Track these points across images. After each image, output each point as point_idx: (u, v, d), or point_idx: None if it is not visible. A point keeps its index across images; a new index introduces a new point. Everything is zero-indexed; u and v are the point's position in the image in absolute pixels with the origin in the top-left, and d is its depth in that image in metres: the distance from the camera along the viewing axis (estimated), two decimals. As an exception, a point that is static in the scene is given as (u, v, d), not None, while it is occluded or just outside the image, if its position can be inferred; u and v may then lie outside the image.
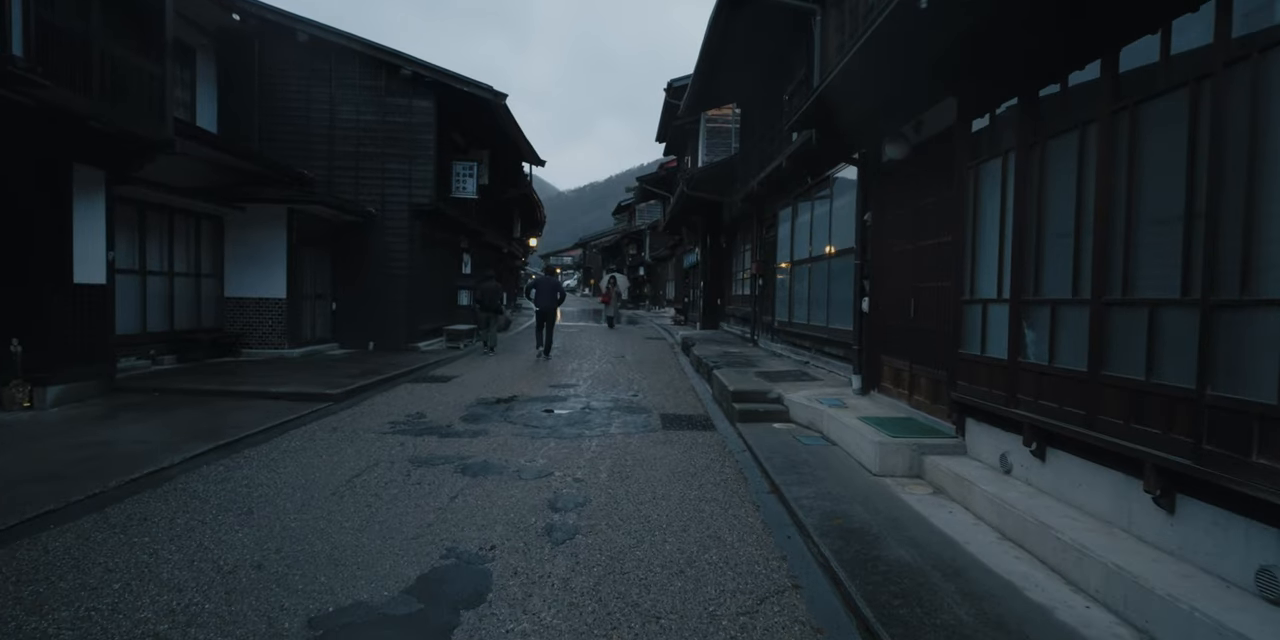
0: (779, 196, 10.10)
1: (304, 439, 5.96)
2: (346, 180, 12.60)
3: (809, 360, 8.73)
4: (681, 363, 12.04)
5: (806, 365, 8.65)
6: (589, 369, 11.14)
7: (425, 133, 12.72)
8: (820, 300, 8.19)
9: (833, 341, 7.72)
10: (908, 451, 4.59)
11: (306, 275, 11.68)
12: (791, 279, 9.47)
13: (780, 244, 10.28)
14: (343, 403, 7.65)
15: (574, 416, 7.15)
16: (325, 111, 12.53)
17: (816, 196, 8.47)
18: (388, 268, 12.73)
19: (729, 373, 8.17)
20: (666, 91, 16.85)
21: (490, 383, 9.48)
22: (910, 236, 5.69)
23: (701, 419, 7.07)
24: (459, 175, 14.06)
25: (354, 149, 12.60)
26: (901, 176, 5.92)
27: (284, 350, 10.90)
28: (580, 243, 67.38)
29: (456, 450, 5.64)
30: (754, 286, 12.37)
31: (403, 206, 12.72)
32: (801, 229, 9.10)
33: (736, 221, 14.57)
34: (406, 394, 8.44)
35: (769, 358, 10.07)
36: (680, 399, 8.29)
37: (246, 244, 10.90)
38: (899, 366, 5.88)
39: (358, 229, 12.52)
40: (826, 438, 5.73)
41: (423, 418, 7.00)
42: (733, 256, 15.76)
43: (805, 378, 7.65)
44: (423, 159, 12.73)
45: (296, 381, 8.38)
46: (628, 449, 5.76)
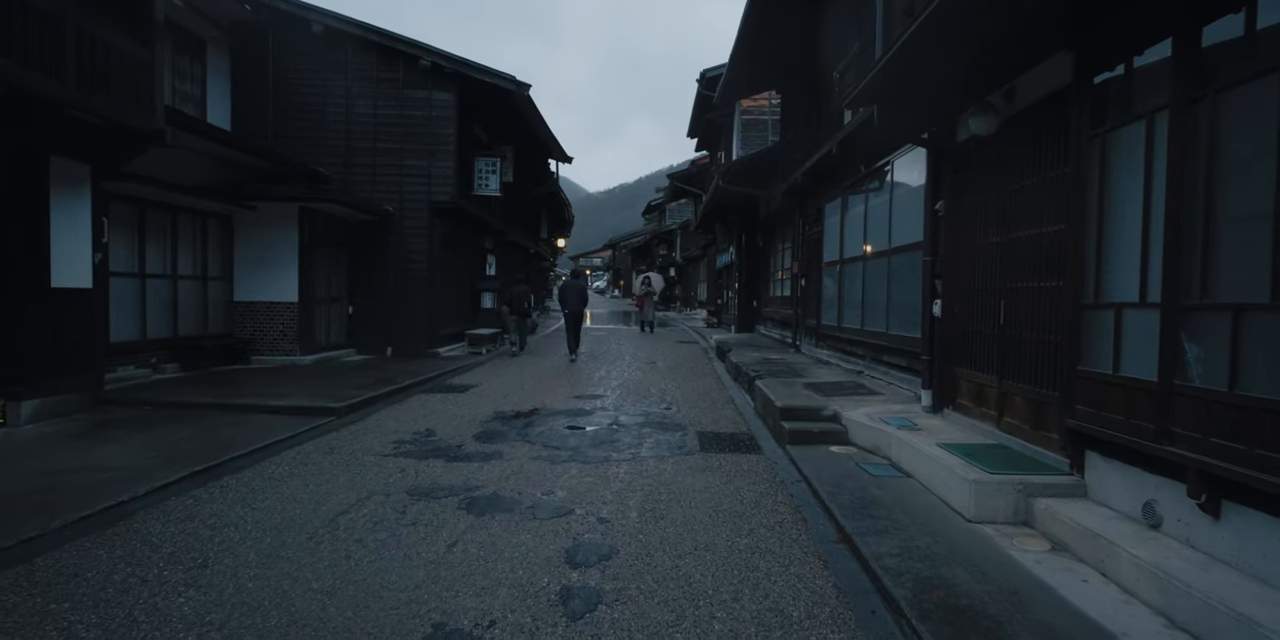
0: (825, 189, 9.18)
1: (294, 463, 5.26)
2: (363, 178, 12.01)
3: (862, 370, 7.81)
4: (717, 370, 11.17)
5: (860, 376, 7.73)
6: (617, 376, 10.35)
7: (445, 127, 12.07)
8: (877, 303, 7.27)
9: (893, 350, 6.80)
10: (1011, 492, 3.68)
11: (320, 278, 11.11)
12: (841, 279, 8.56)
13: (827, 241, 9.36)
14: (347, 417, 6.97)
15: (600, 435, 6.35)
16: (341, 106, 11.96)
17: (871, 187, 7.56)
18: (406, 269, 12.11)
19: (773, 384, 7.30)
20: (699, 82, 16.00)
21: (511, 393, 8.75)
22: (997, 227, 4.78)
23: (744, 439, 6.22)
24: (481, 172, 13.40)
25: (371, 145, 12.01)
26: (984, 157, 5.00)
27: (295, 357, 10.31)
28: (610, 244, 66.80)
29: (464, 478, 4.88)
30: (795, 287, 11.45)
31: (422, 205, 12.08)
32: (853, 223, 8.18)
33: (774, 218, 13.66)
34: (419, 407, 7.73)
35: (815, 366, 9.15)
36: (718, 413, 7.44)
37: (257, 245, 10.34)
38: (982, 382, 4.96)
39: (375, 229, 11.92)
40: (897, 467, 4.84)
41: (431, 436, 6.27)
42: (770, 256, 14.84)
43: (862, 391, 6.74)
44: (443, 155, 12.08)
45: (301, 393, 7.73)
46: (661, 477, 4.94)
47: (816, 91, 9.76)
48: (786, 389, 6.98)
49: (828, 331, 9.26)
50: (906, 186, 6.55)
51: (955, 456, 4.20)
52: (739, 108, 15.92)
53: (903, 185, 6.62)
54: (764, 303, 15.34)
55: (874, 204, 7.43)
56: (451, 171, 12.11)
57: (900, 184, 6.68)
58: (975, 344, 5.10)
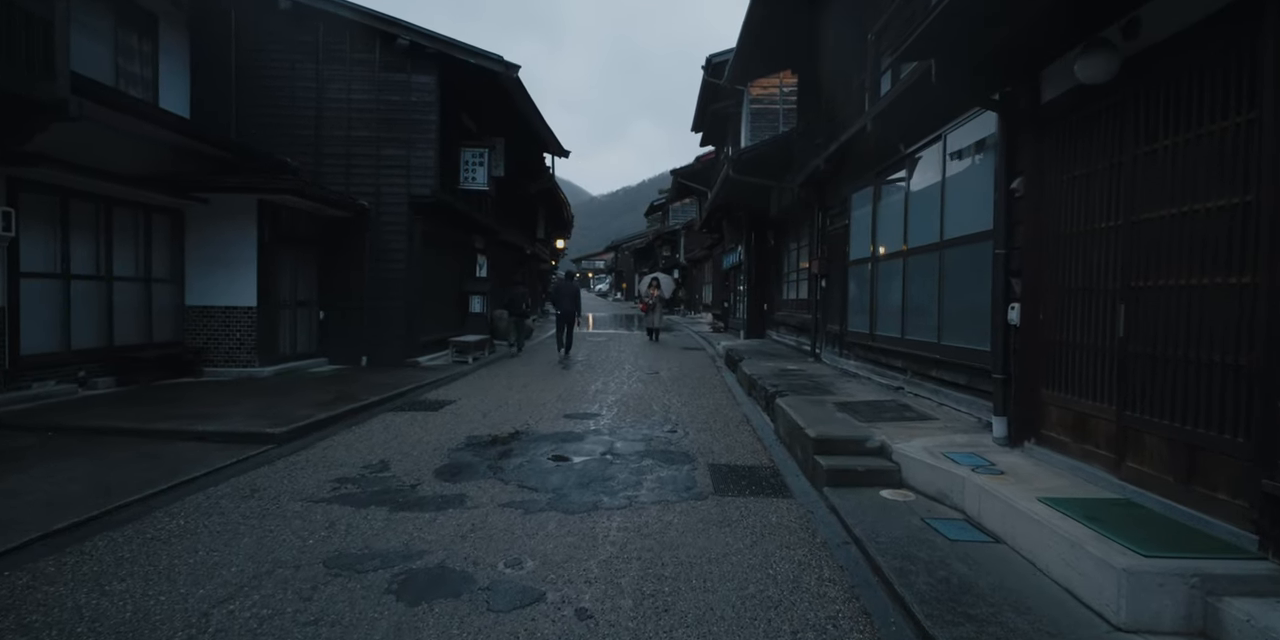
0: (853, 176, 8.01)
1: (195, 514, 4.10)
2: (336, 169, 10.88)
3: (902, 386, 6.63)
4: (727, 382, 10.00)
5: (900, 393, 6.55)
6: (616, 389, 9.19)
7: (426, 113, 10.94)
8: (922, 307, 6.09)
9: (946, 364, 5.61)
10: (1181, 588, 2.50)
11: (285, 280, 9.97)
12: (873, 279, 7.38)
13: (855, 235, 8.18)
14: (289, 445, 5.81)
15: (590, 469, 5.18)
16: (311, 91, 10.85)
17: (913, 169, 6.39)
18: (383, 270, 10.98)
19: (798, 404, 6.12)
20: (705, 69, 14.87)
21: (491, 411, 7.59)
22: (1111, 206, 3.61)
23: (767, 475, 5.04)
24: (468, 164, 12.27)
25: (345, 133, 10.89)
26: (1085, 117, 3.84)
27: (254, 368, 9.17)
28: (612, 246, 65.76)
29: (407, 538, 3.72)
30: (813, 289, 10.28)
31: (400, 199, 10.95)
32: (889, 214, 7.01)
33: (788, 213, 12.49)
34: (380, 430, 6.58)
35: (842, 379, 7.97)
36: (733, 438, 6.27)
37: (212, 243, 9.21)
38: (1086, 410, 3.78)
39: (348, 226, 10.79)
40: (978, 525, 3.66)
41: (384, 471, 5.11)
42: (782, 255, 13.67)
43: (909, 414, 5.56)
44: (423, 144, 10.95)
45: (243, 414, 6.59)
46: (665, 537, 3.77)
47: (841, 66, 8.59)
48: (815, 410, 5.80)
49: (856, 340, 8.08)
50: (964, 165, 5.37)
51: (1073, 520, 3.02)
52: (747, 97, 14.78)
53: (959, 164, 5.45)
54: (776, 306, 14.16)
55: (918, 189, 6.26)
56: (433, 162, 10.98)
57: (956, 162, 5.50)
58: (1074, 360, 3.92)
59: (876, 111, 6.14)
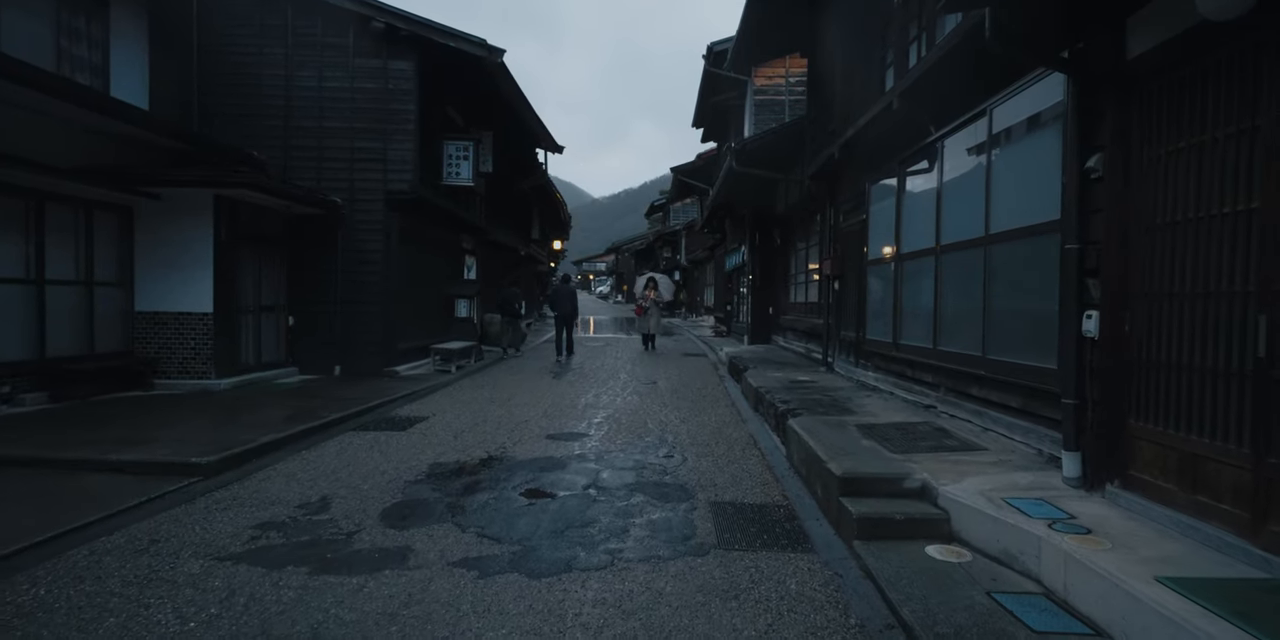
0: (873, 164, 7.15)
1: (62, 580, 3.25)
2: (306, 163, 10.05)
3: (934, 404, 5.75)
4: (731, 394, 9.13)
5: (933, 413, 5.68)
6: (609, 402, 8.33)
7: (404, 102, 10.11)
8: (962, 312, 5.22)
9: (992, 381, 4.73)
10: None
11: (247, 282, 9.13)
12: (897, 280, 6.51)
13: (873, 232, 7.31)
14: (219, 476, 4.96)
15: (568, 509, 4.32)
16: (280, 78, 10.02)
17: (944, 154, 5.52)
18: (358, 272, 10.14)
19: (815, 426, 5.26)
20: (706, 58, 14.03)
21: (467, 430, 6.73)
22: (1244, 186, 2.74)
23: (781, 517, 4.17)
24: (451, 158, 11.43)
25: (316, 124, 10.06)
26: (1197, 73, 2.98)
27: (209, 381, 8.32)
28: (612, 248, 65.03)
29: (319, 619, 2.86)
30: (825, 292, 9.41)
31: (376, 194, 10.11)
32: (917, 206, 6.14)
33: (795, 210, 11.63)
34: (334, 455, 5.72)
35: (861, 394, 7.11)
36: (739, 465, 5.40)
37: (166, 243, 8.37)
38: (1204, 452, 2.92)
39: (320, 223, 9.95)
40: (1063, 603, 2.79)
41: (321, 512, 4.25)
42: (789, 255, 12.80)
43: (951, 443, 4.68)
44: (400, 135, 10.12)
45: (175, 437, 5.73)
46: (654, 618, 2.90)
47: (859, 43, 7.72)
48: (835, 435, 4.93)
49: (875, 349, 7.20)
50: (1017, 144, 4.50)
51: (1219, 618, 2.16)
52: (751, 87, 13.92)
53: (1009, 143, 4.58)
54: (782, 309, 13.29)
55: (955, 176, 5.38)
56: (411, 155, 10.14)
57: (1005, 142, 4.63)
58: (1178, 385, 3.06)
59: (905, 86, 5.28)
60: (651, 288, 15.49)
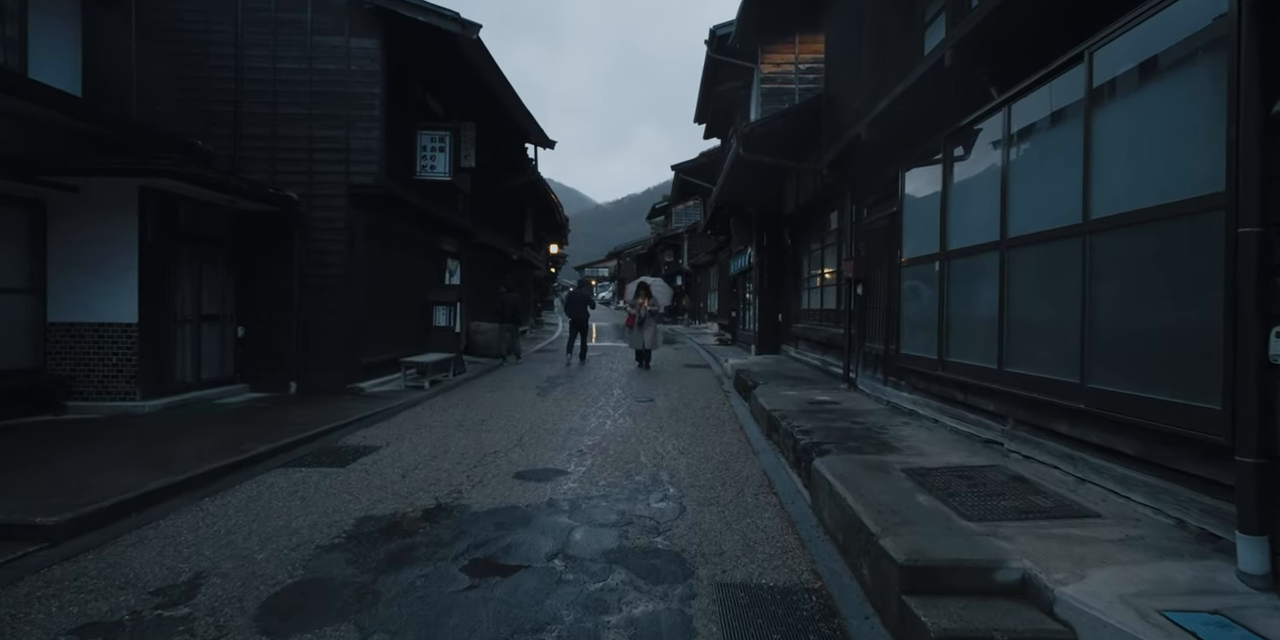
0: (909, 143, 5.97)
1: None
2: (258, 154, 8.94)
3: (998, 440, 4.55)
4: (739, 415, 7.93)
5: (999, 452, 4.48)
6: (596, 426, 7.14)
7: (369, 85, 8.98)
8: (1045, 323, 4.02)
9: (1095, 418, 3.52)
10: None
11: (185, 288, 7.99)
12: (943, 282, 5.31)
13: (910, 225, 6.13)
14: (71, 543, 3.79)
15: (521, 599, 3.13)
16: (229, 58, 8.91)
17: (1018, 120, 4.33)
18: (318, 276, 9.00)
19: (851, 472, 4.07)
20: (709, 44, 12.90)
21: (421, 465, 5.56)
22: None
23: (815, 612, 2.98)
24: (426, 149, 10.30)
25: (270, 110, 8.94)
26: None
27: (132, 402, 7.17)
28: (614, 253, 63.98)
29: None
30: (846, 297, 8.23)
31: (338, 189, 8.98)
32: (971, 190, 4.96)
33: (809, 207, 10.46)
34: (242, 504, 4.55)
35: (897, 421, 5.92)
36: (752, 520, 4.21)
37: (86, 243, 7.24)
38: None
39: (273, 222, 8.81)
40: None
41: (181, 604, 3.08)
42: (801, 256, 11.62)
43: (1044, 504, 3.48)
44: (365, 122, 8.99)
45: (37, 483, 4.56)
46: None
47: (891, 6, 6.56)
48: (880, 486, 3.74)
49: (913, 365, 6.00)
50: (1139, 91, 3.31)
51: None
52: (758, 74, 12.78)
53: (1126, 91, 3.39)
54: (793, 317, 12.10)
55: (1031, 148, 4.19)
56: (377, 145, 9.01)
57: (1116, 90, 3.44)
58: None
59: (963, 33, 4.10)
60: (644, 295, 12.95)
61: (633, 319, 12.88)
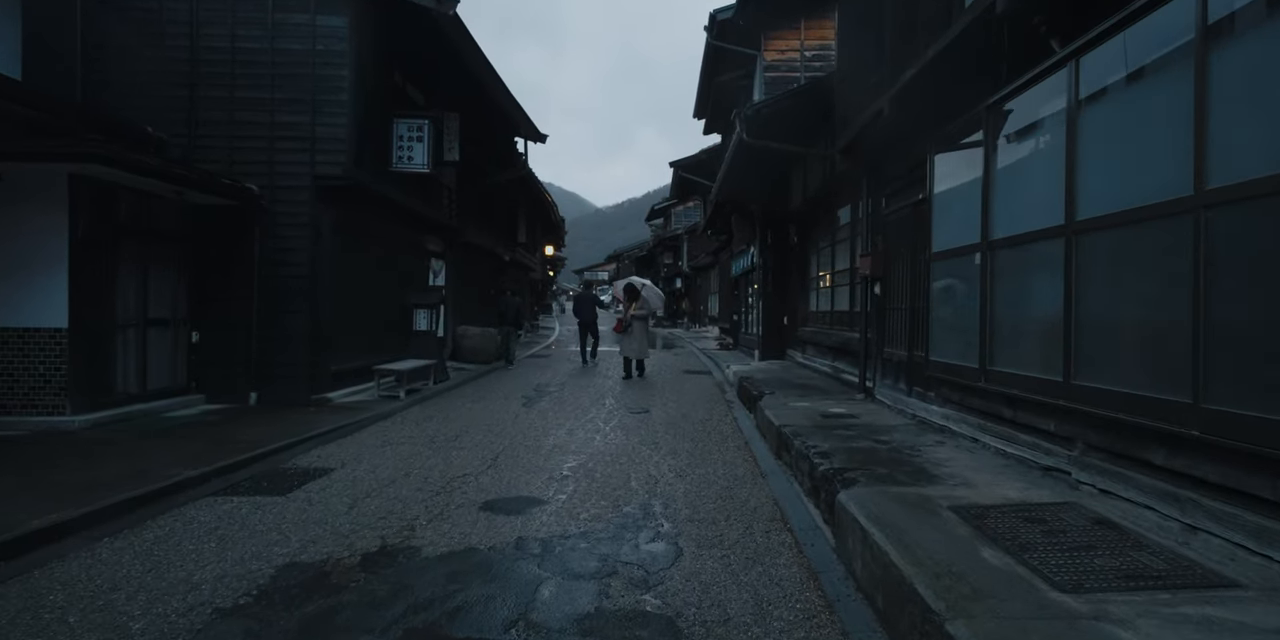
0: (945, 117, 5.18)
1: None
2: (216, 141, 8.16)
3: (1064, 469, 3.74)
4: (743, 429, 7.12)
5: (1066, 482, 3.67)
6: (583, 443, 6.34)
7: (337, 66, 8.22)
8: (1133, 326, 3.21)
9: (1210, 449, 2.72)
10: None
11: (129, 289, 7.20)
12: (987, 277, 4.51)
13: (940, 213, 5.34)
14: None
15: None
16: (183, 37, 8.14)
17: (1088, 76, 3.54)
18: (281, 277, 8.21)
19: (890, 513, 3.29)
20: (708, 30, 12.14)
21: (375, 492, 4.76)
22: None
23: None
24: (402, 139, 9.52)
25: (228, 93, 8.17)
26: None
27: (62, 417, 6.38)
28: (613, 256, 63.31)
29: None
30: (862, 297, 7.45)
31: (303, 180, 8.20)
32: (1026, 164, 4.16)
33: (818, 199, 9.68)
34: (146, 546, 3.75)
35: (927, 438, 5.12)
36: (765, 570, 3.40)
37: (9, 239, 6.46)
38: None
39: (232, 217, 8.03)
40: None
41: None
42: (809, 254, 10.84)
43: (1154, 565, 2.68)
44: (333, 108, 8.21)
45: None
46: None
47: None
48: (929, 534, 2.94)
49: (946, 374, 5.20)
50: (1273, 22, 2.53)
51: None
52: (761, 62, 12.02)
53: (1249, 23, 2.61)
54: (800, 319, 11.30)
55: (1109, 106, 3.40)
56: (346, 132, 8.23)
57: (1233, 25, 2.66)
58: None
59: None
60: (632, 298, 11.65)
61: (620, 324, 11.62)
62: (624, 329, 11.45)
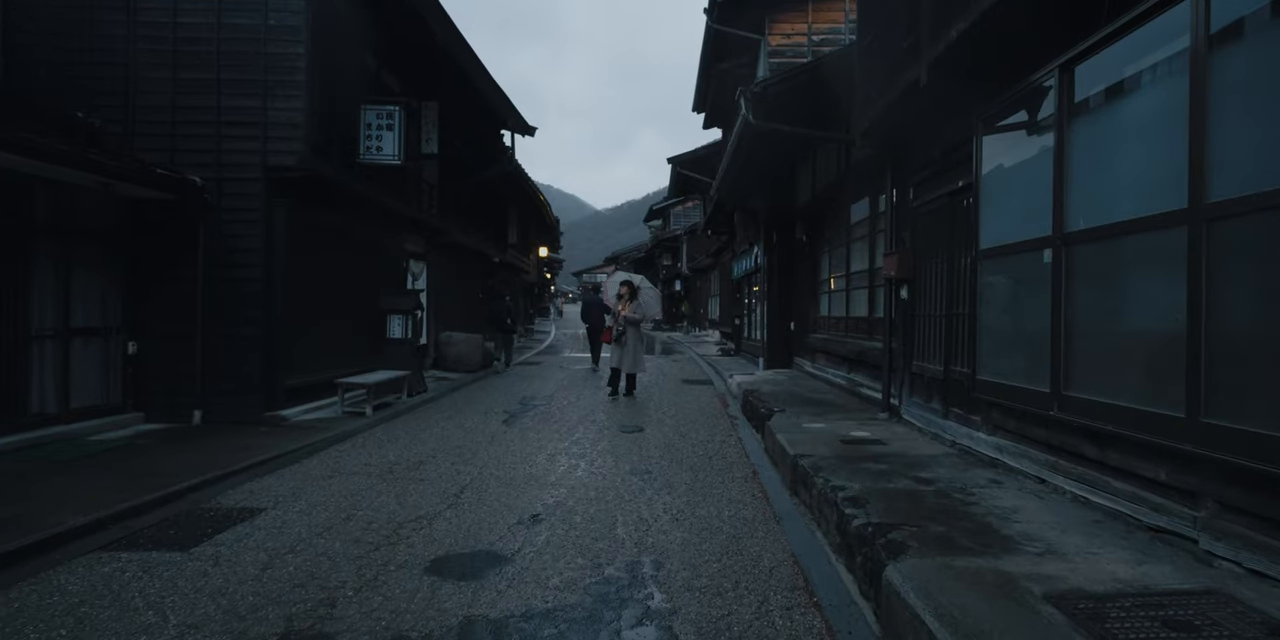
0: (1000, 83, 4.29)
1: None
2: (156, 129, 7.26)
3: (1194, 534, 2.83)
4: (750, 454, 6.20)
5: (1196, 554, 2.76)
6: (565, 473, 5.41)
7: (291, 43, 7.32)
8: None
9: None
10: None
11: (45, 294, 6.29)
12: (1060, 279, 3.60)
13: (991, 201, 4.43)
14: None
15: None
16: (120, 12, 7.25)
17: (1218, 12, 2.64)
18: (230, 280, 7.31)
19: (965, 599, 2.39)
20: (708, 12, 11.24)
21: (305, 542, 3.84)
22: None
23: None
24: (371, 127, 8.61)
25: (169, 74, 7.27)
26: None
27: (-45, 444, 5.47)
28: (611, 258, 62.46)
29: None
30: (886, 302, 6.54)
31: (253, 171, 7.30)
32: (1120, 135, 3.26)
33: (830, 193, 8.78)
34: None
35: (979, 475, 4.22)
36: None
37: (-98, 235, 5.56)
38: None
39: (174, 213, 7.12)
40: None
41: None
42: (820, 254, 9.93)
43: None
44: (288, 89, 7.32)
45: None
46: None
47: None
48: None
49: (1000, 398, 4.28)
50: None
51: None
52: (765, 48, 11.12)
53: None
54: (810, 325, 10.39)
55: (1255, 39, 2.52)
56: (302, 117, 7.33)
57: None
58: None
59: None
60: (624, 298, 9.60)
61: (609, 332, 9.77)
62: (616, 337, 9.51)
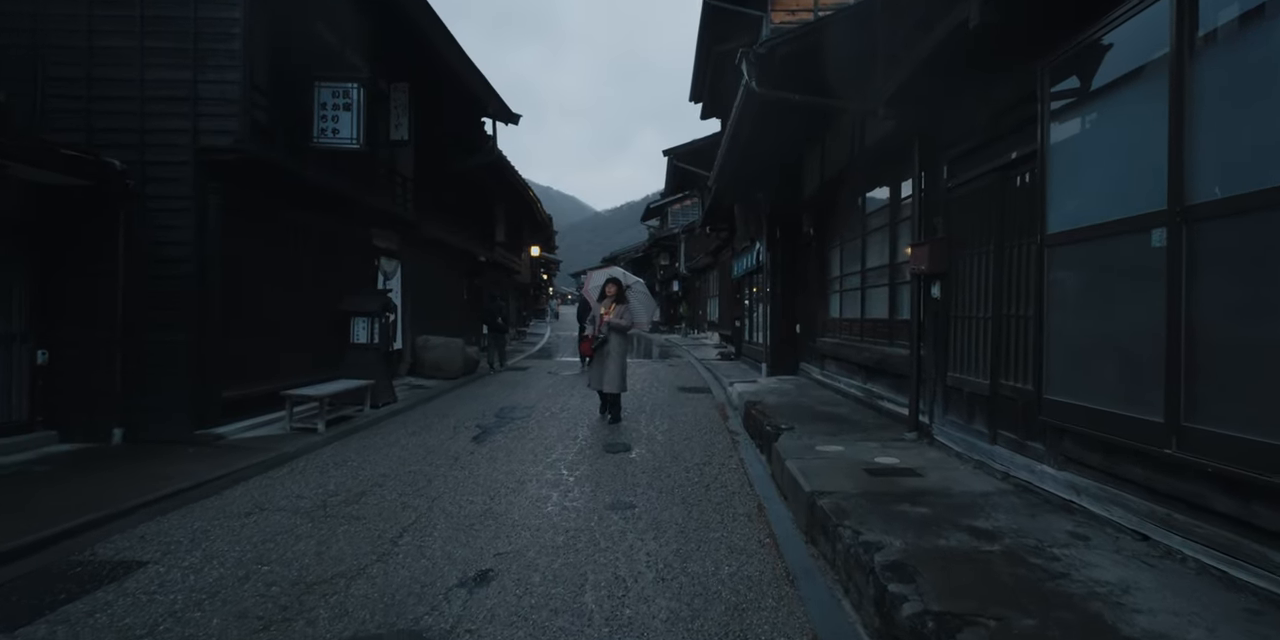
0: (1074, 26, 3.35)
1: None
2: (70, 102, 6.33)
3: None
4: (755, 482, 5.24)
5: None
6: (531, 507, 4.44)
7: (224, 5, 6.39)
8: None
9: None
10: None
11: (-78, 294, 5.34)
12: (1178, 270, 2.68)
13: (1071, 171, 3.49)
14: None
15: None
16: (27, -30, 6.31)
17: None
18: (156, 278, 6.37)
19: None
20: None
21: (179, 617, 2.89)
22: None
23: None
24: (325, 107, 7.66)
25: (84, 43, 6.33)
26: None
27: None
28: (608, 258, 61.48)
29: None
30: (912, 301, 5.60)
31: (182, 153, 6.36)
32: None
33: (842, 180, 7.84)
34: None
35: (1049, 523, 3.30)
36: None
37: None
38: None
39: (89, 201, 6.18)
40: None
41: None
42: (830, 248, 8.98)
43: None
44: (220, 58, 6.38)
45: None
46: None
47: None
48: None
49: (1079, 424, 3.34)
50: None
51: None
52: (768, 25, 10.19)
53: None
54: (819, 328, 9.44)
55: None
56: (239, 92, 6.39)
57: None
58: None
59: None
60: (610, 299, 7.69)
61: (589, 342, 8.01)
62: (595, 347, 7.61)
